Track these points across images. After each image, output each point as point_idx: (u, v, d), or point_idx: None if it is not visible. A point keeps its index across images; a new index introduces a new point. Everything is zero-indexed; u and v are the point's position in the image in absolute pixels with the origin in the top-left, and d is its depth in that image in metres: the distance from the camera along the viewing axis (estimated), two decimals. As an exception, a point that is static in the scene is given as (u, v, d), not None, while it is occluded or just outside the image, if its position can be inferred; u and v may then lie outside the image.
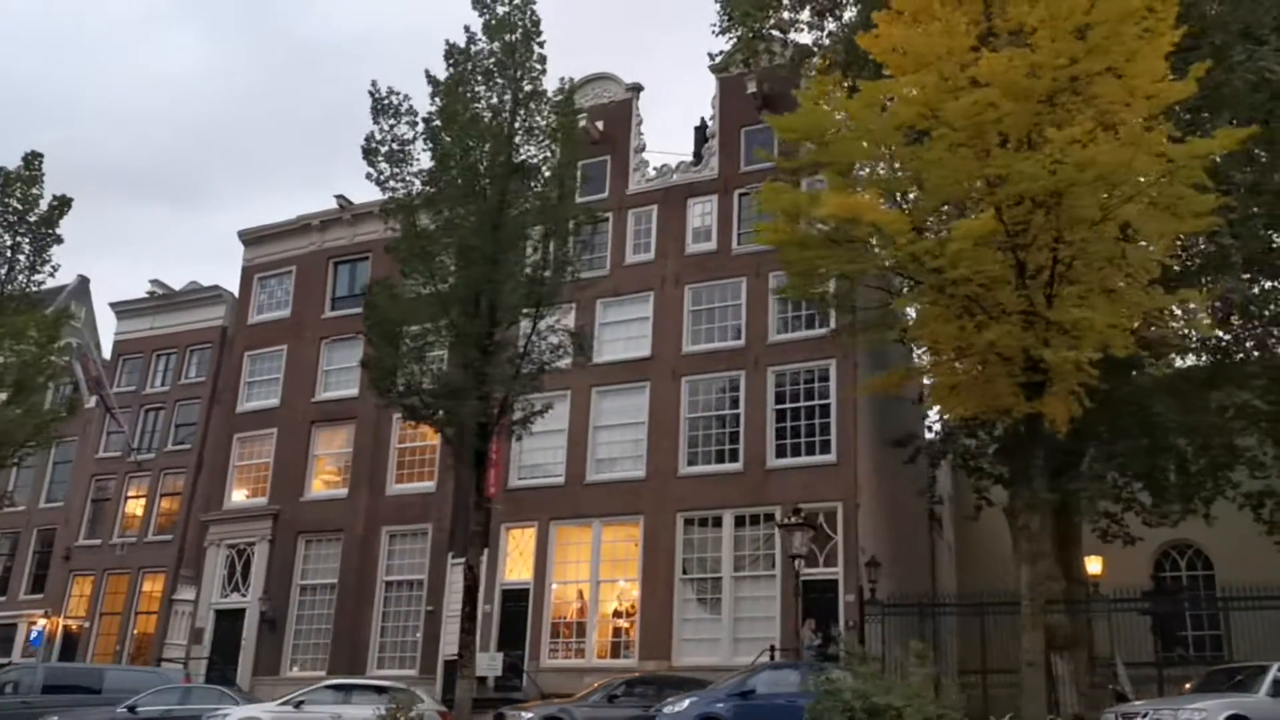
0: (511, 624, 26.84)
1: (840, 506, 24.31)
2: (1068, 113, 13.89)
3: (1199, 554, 35.54)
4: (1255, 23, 20.36)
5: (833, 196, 14.09)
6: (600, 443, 27.59)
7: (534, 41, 20.95)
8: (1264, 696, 14.09)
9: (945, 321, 14.52)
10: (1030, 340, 13.84)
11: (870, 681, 12.95)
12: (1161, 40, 14.43)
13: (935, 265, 13.46)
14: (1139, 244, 15.40)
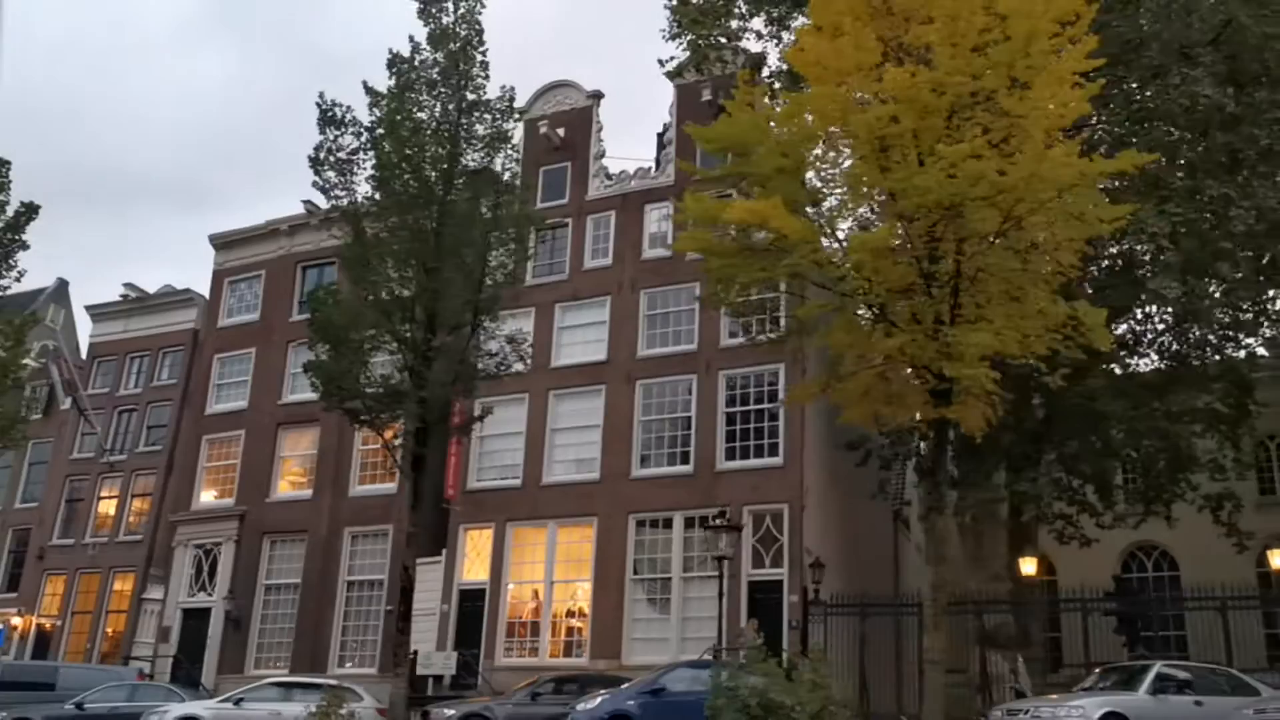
0: (469, 623, 27.27)
1: (786, 508, 24.74)
2: (975, 127, 14.29)
3: (1165, 555, 36.03)
4: (1189, 40, 20.78)
5: (740, 204, 14.53)
6: (557, 445, 28.04)
7: (477, 50, 21.41)
8: (1143, 695, 14.47)
9: (853, 329, 14.94)
10: (931, 351, 14.24)
11: (771, 680, 13.36)
12: (1066, 59, 14.85)
13: (838, 274, 13.88)
14: (1045, 254, 15.76)
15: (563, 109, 30.92)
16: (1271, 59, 20.67)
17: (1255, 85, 21.13)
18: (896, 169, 13.95)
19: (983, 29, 14.33)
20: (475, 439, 28.91)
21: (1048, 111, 14.46)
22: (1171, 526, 29.16)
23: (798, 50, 15.64)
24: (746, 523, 24.89)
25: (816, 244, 14.09)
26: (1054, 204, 14.87)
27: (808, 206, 15.03)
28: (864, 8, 15.23)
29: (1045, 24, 14.78)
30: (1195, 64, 20.08)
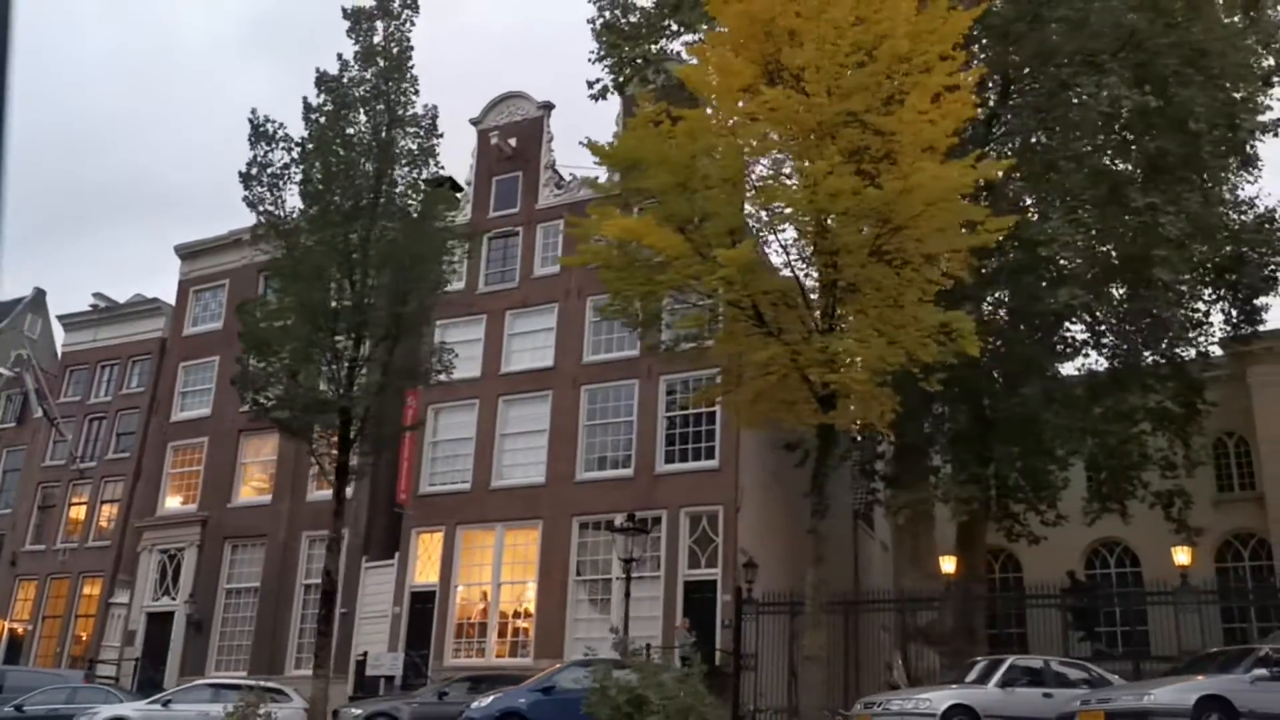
0: (419, 624, 27.87)
1: (721, 510, 25.29)
2: (843, 145, 14.85)
3: (1127, 551, 36.51)
4: (1097, 50, 21.30)
5: (617, 221, 15.10)
6: (506, 450, 28.64)
7: (406, 67, 21.99)
8: (992, 688, 14.99)
9: (733, 339, 15.54)
10: (808, 359, 14.81)
11: (645, 677, 13.92)
12: (936, 75, 15.42)
13: (709, 288, 14.47)
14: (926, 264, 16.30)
15: (515, 119, 31.51)
16: (1176, 64, 21.18)
17: (1165, 87, 21.64)
18: (764, 187, 14.50)
19: (850, 51, 14.87)
20: (428, 444, 29.62)
21: (921, 128, 14.98)
22: (1127, 523, 29.71)
23: (689, 70, 16.21)
24: (684, 524, 25.47)
25: (691, 259, 14.64)
26: (930, 216, 15.40)
27: (697, 220, 15.59)
28: (747, 30, 15.81)
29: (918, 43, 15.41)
30: (1103, 71, 20.60)
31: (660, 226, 15.14)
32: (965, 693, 14.85)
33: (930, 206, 15.45)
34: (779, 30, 15.37)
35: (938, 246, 16.22)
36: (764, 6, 15.63)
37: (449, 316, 30.19)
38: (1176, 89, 21.10)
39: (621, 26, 24.89)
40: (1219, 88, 21.58)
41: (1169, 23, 22.23)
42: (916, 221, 15.40)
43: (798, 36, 15.08)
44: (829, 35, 14.67)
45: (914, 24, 15.71)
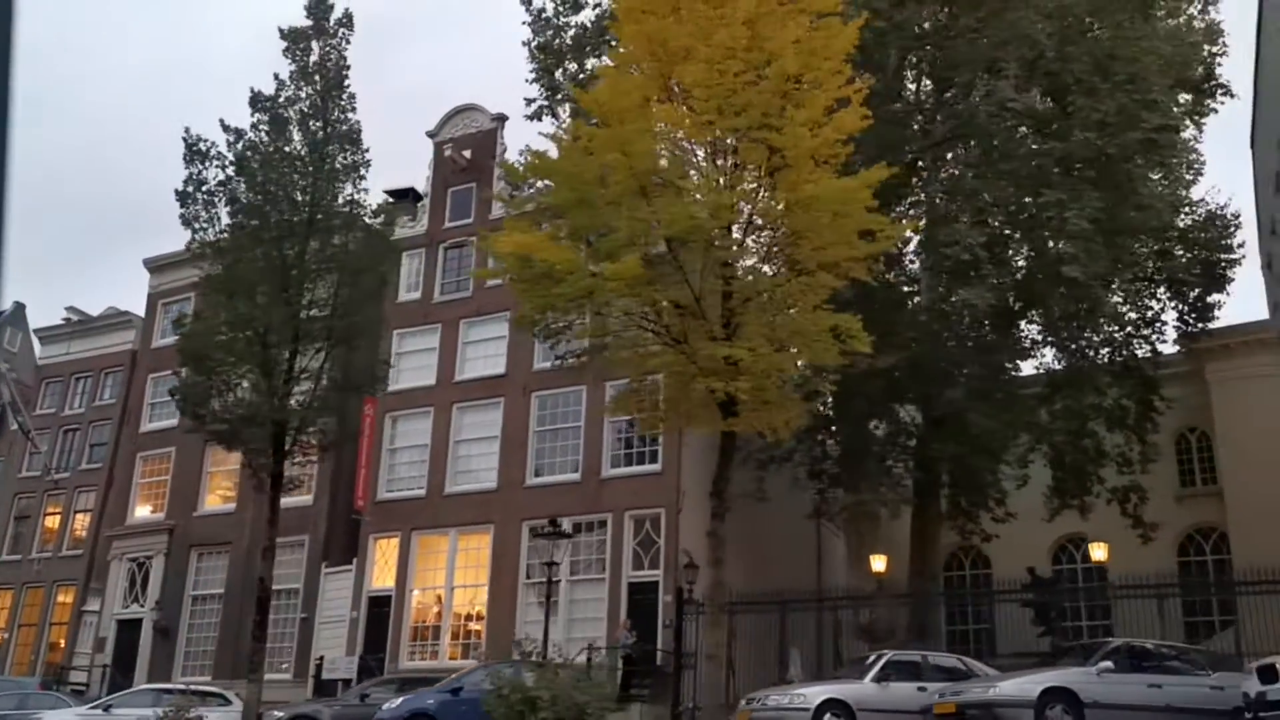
0: (377, 628, 28.48)
1: (664, 513, 25.84)
2: (730, 160, 15.42)
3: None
4: (1000, 57, 21.85)
5: (510, 236, 15.70)
6: (460, 456, 29.24)
7: (343, 84, 22.60)
8: (867, 683, 15.50)
9: (629, 348, 16.19)
10: (698, 367, 15.37)
11: (541, 678, 14.51)
12: (827, 91, 15.98)
13: (602, 300, 15.06)
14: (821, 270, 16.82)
15: (469, 132, 32.10)
16: (1079, 72, 21.72)
17: (1068, 93, 22.18)
18: (656, 200, 15.06)
19: (742, 70, 15.43)
20: (385, 451, 30.25)
21: (809, 142, 15.54)
22: (1086, 519, 30.23)
23: (585, 93, 16.81)
24: (628, 527, 26.05)
25: (584, 273, 15.21)
26: (825, 226, 15.95)
27: (597, 235, 16.15)
28: (646, 49, 16.39)
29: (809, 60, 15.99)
30: (1004, 77, 21.16)
31: (558, 241, 15.70)
32: (840, 688, 15.37)
33: (824, 217, 16.00)
34: (673, 50, 15.93)
35: (836, 255, 16.74)
36: (659, 28, 16.20)
37: (405, 325, 30.92)
38: (1078, 95, 21.63)
39: (555, 48, 25.49)
40: (1126, 92, 22.08)
41: (1082, 29, 22.76)
42: (811, 232, 15.94)
43: (690, 56, 15.63)
44: (717, 56, 15.22)
45: (804, 42, 16.26)
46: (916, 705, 14.93)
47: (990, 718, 13.62)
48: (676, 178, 14.98)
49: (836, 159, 17.32)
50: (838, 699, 14.84)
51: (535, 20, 26.64)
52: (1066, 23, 21.43)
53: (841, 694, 15.01)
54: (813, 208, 15.52)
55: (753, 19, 16.27)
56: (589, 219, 15.73)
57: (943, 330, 25.60)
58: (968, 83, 21.75)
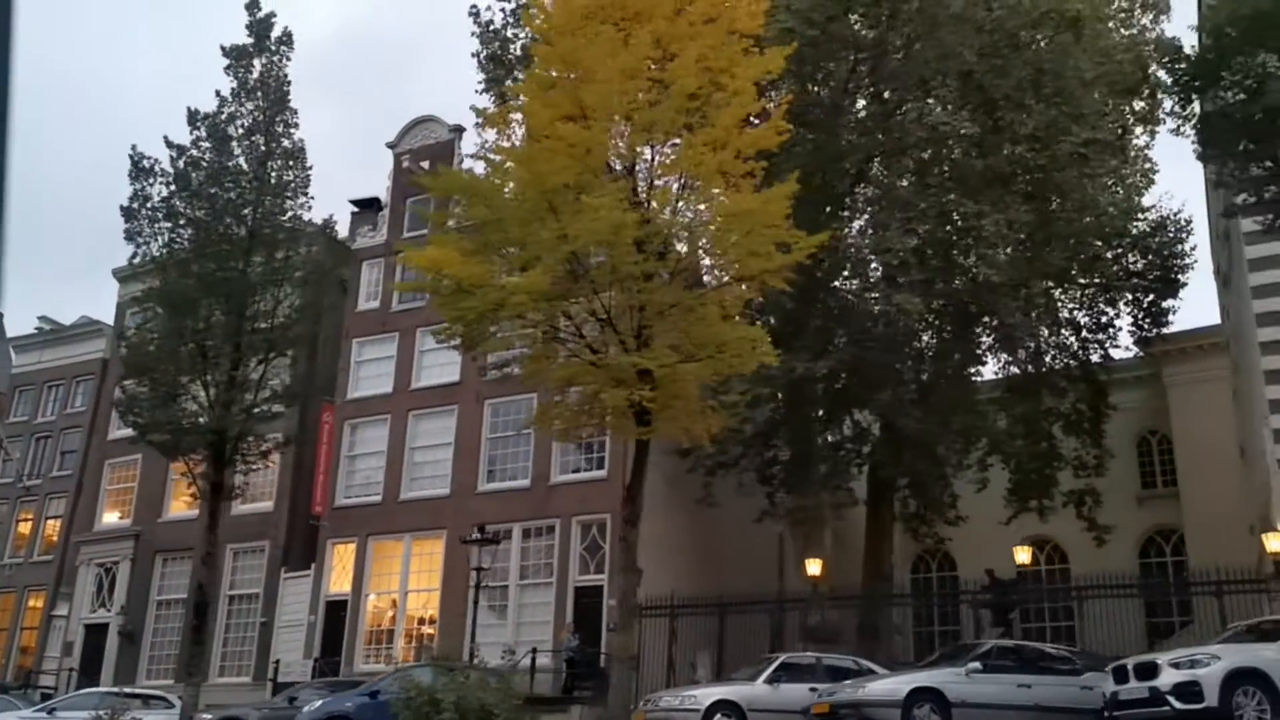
0: (334, 632, 29.02)
1: (609, 518, 26.33)
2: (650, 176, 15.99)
3: (1056, 548, 37.39)
4: (930, 75, 22.37)
5: (420, 252, 16.27)
6: (415, 463, 29.76)
7: (285, 101, 23.17)
8: (760, 685, 15.99)
9: (539, 359, 16.77)
10: (603, 379, 15.91)
11: (449, 681, 15.02)
12: (732, 111, 16.50)
13: (511, 313, 15.61)
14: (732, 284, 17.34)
15: (427, 143, 32.61)
16: (1008, 88, 22.22)
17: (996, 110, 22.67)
18: (564, 217, 15.59)
19: (646, 90, 15.95)
20: (344, 458, 30.77)
21: (712, 160, 16.05)
22: (1044, 521, 30.70)
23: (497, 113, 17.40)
24: (575, 532, 26.57)
25: (493, 287, 15.74)
26: (731, 239, 16.48)
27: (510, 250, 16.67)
28: (560, 69, 16.94)
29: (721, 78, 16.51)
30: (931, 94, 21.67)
31: (474, 256, 16.24)
32: (731, 689, 15.87)
33: (733, 231, 16.52)
34: (585, 70, 16.47)
35: (751, 267, 17.25)
36: (569, 49, 16.74)
37: (364, 334, 31.45)
38: (1007, 110, 22.14)
39: (504, 59, 26.01)
40: (1055, 105, 22.57)
41: (1015, 44, 23.24)
42: (720, 246, 16.46)
43: (596, 76, 16.16)
44: (616, 78, 15.74)
45: (710, 60, 16.78)
46: (806, 706, 15.42)
47: (860, 717, 14.13)
48: (582, 195, 15.44)
49: (752, 174, 17.85)
50: (728, 700, 15.35)
51: (484, 32, 27.15)
52: (997, 38, 21.91)
53: (732, 695, 15.52)
54: (716, 223, 15.99)
55: (664, 39, 16.81)
56: (501, 234, 16.24)
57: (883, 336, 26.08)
58: (900, 100, 22.24)
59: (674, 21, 16.95)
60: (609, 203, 15.03)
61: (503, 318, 16.04)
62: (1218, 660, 12.34)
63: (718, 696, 15.46)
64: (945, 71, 22.35)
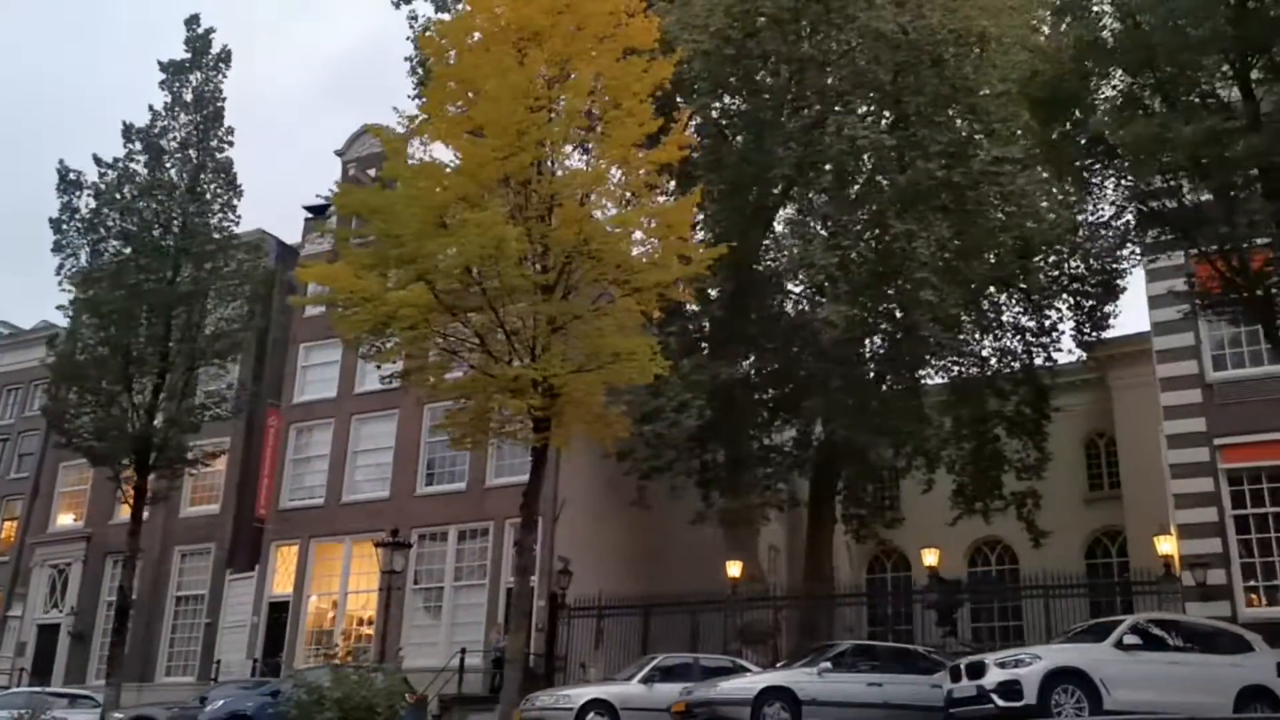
0: (276, 633, 29.56)
1: (540, 520, 26.77)
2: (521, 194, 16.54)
3: (1006, 549, 37.93)
4: (850, 89, 22.92)
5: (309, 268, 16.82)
6: (358, 466, 30.28)
7: (220, 116, 23.66)
8: (635, 684, 16.54)
9: (430, 370, 17.38)
10: (493, 389, 16.48)
11: (336, 680, 15.56)
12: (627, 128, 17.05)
13: (397, 327, 16.17)
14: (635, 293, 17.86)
15: (375, 150, 32.94)
16: (921, 104, 22.76)
17: (909, 125, 23.20)
18: (452, 233, 16.12)
19: (536, 108, 16.49)
20: (289, 461, 31.29)
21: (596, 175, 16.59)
22: (989, 523, 31.25)
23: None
24: (508, 535, 27.08)
25: (381, 301, 16.26)
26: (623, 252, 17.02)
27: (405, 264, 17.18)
28: (460, 84, 17.50)
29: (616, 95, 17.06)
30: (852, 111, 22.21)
31: (367, 270, 16.79)
32: (605, 689, 16.42)
33: (625, 245, 17.06)
34: (476, 90, 17.01)
35: (650, 279, 17.80)
36: (464, 67, 17.30)
37: (311, 339, 31.92)
38: (919, 126, 22.68)
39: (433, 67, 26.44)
40: (968, 121, 23.11)
41: (934, 59, 23.75)
42: (610, 259, 17.01)
43: (487, 95, 16.70)
44: (504, 96, 16.27)
45: (607, 79, 17.33)
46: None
47: (713, 715, 14.68)
48: (468, 211, 15.95)
49: (653, 187, 18.40)
50: (602, 699, 15.89)
51: (421, 36, 27.55)
52: (914, 55, 22.41)
53: (606, 694, 16.07)
54: (614, 236, 16.55)
55: (559, 58, 17.35)
56: (397, 249, 16.75)
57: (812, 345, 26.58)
58: (820, 115, 22.75)
59: (570, 41, 17.49)
60: (490, 218, 15.54)
61: (393, 330, 16.51)
62: (1039, 660, 12.95)
63: (591, 696, 16.01)
64: (864, 85, 22.88)
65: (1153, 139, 11.55)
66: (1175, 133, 11.39)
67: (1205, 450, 21.01)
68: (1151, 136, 11.53)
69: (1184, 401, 21.43)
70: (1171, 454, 21.56)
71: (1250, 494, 20.63)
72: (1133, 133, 11.65)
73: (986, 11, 22.79)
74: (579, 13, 17.65)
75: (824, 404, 25.87)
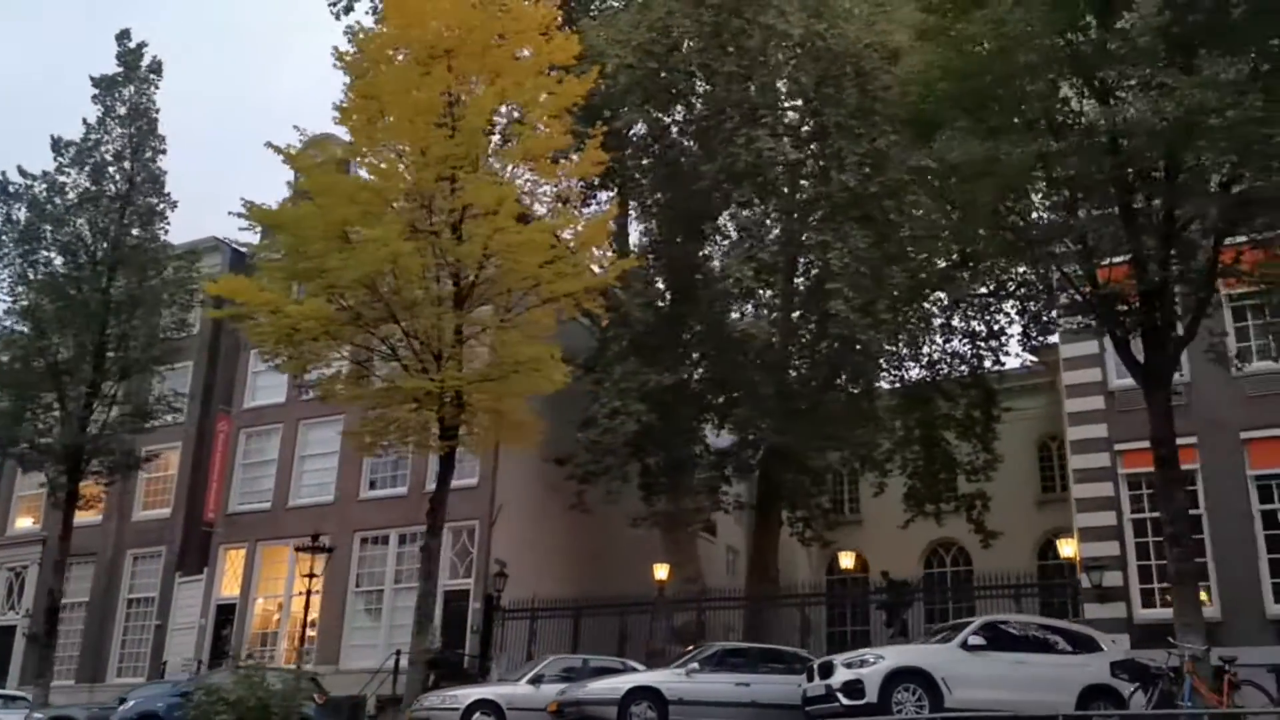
0: (224, 635, 30.09)
1: (478, 524, 27.44)
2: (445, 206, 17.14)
3: (961, 550, 38.43)
4: (762, 104, 23.46)
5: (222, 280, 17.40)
6: (305, 471, 30.82)
7: (153, 128, 24.21)
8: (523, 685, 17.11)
9: (349, 380, 17.91)
10: (396, 399, 17.04)
11: (238, 682, 16.10)
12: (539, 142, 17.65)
13: (302, 339, 16.73)
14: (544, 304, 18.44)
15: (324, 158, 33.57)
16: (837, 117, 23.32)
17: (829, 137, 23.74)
18: (353, 247, 16.68)
19: (440, 124, 17.07)
20: (238, 466, 31.85)
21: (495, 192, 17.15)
22: (942, 525, 31.72)
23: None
24: (447, 538, 27.61)
25: (284, 314, 16.82)
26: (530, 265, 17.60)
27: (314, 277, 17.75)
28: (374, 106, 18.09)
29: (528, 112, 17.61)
30: (760, 124, 22.75)
31: (279, 284, 17.34)
32: (493, 689, 16.96)
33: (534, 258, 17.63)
34: (380, 104, 17.59)
35: (559, 289, 18.38)
36: (376, 84, 17.87)
37: (261, 345, 32.48)
38: (837, 139, 23.21)
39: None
40: (884, 134, 23.61)
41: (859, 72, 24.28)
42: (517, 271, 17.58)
43: (391, 111, 17.27)
44: (408, 113, 16.83)
45: (515, 96, 17.89)
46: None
47: (581, 714, 15.21)
48: (368, 227, 16.51)
49: (567, 200, 18.97)
50: (488, 699, 16.43)
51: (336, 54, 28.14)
52: (836, 66, 22.93)
53: (492, 695, 16.61)
54: (503, 253, 17.09)
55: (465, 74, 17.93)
56: (305, 263, 17.32)
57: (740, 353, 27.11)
58: (734, 128, 23.28)
59: (484, 58, 18.06)
60: (385, 234, 16.09)
61: (298, 341, 17.05)
62: (882, 660, 13.49)
63: (477, 696, 16.53)
64: (789, 96, 23.40)
65: (983, 160, 12.08)
66: (1005, 154, 11.92)
67: (1107, 455, 21.55)
68: (982, 158, 12.07)
69: (1087, 408, 21.99)
70: (1075, 459, 22.11)
71: (1148, 498, 21.16)
72: (964, 154, 12.18)
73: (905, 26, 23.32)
74: (489, 31, 18.25)
75: (753, 411, 26.39)
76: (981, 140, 11.95)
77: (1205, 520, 20.61)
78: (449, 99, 17.71)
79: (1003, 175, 12.18)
